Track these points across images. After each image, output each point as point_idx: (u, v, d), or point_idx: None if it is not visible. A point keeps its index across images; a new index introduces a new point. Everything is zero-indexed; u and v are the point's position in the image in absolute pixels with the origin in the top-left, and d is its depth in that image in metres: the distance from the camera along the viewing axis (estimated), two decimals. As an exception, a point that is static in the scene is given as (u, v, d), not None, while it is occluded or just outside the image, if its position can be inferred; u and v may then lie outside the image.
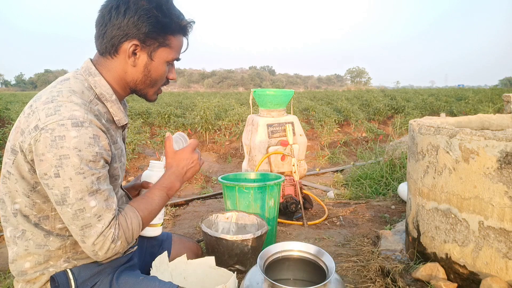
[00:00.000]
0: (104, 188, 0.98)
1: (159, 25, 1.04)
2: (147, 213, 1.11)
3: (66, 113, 0.93)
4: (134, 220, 1.05)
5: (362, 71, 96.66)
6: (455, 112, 11.40)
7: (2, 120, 8.51)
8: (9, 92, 40.61)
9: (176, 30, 1.09)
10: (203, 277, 1.42)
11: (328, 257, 1.25)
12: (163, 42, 1.07)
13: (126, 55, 1.05)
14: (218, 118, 8.76)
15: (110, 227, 0.98)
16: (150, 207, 1.12)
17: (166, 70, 1.13)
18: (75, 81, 1.04)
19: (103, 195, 0.97)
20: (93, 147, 0.94)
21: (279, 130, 3.20)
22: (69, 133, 0.91)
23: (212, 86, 69.73)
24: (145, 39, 1.04)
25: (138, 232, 1.07)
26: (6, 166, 1.00)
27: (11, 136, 1.00)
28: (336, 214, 2.94)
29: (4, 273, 2.12)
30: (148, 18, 1.02)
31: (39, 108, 0.95)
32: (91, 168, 0.94)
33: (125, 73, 1.09)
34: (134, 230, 1.05)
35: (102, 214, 0.96)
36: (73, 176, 0.91)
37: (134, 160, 5.39)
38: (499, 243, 1.44)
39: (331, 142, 7.40)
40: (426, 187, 1.71)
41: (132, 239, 1.06)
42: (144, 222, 1.09)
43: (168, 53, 1.10)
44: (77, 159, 0.91)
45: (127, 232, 1.03)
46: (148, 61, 1.08)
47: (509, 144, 1.38)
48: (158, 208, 1.15)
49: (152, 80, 1.12)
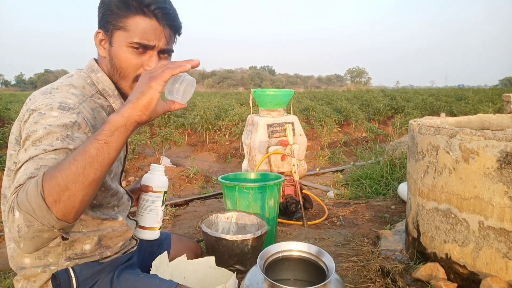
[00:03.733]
0: (44, 157, 0.79)
1: (109, 7, 1.00)
2: (57, 173, 0.72)
3: (59, 98, 0.93)
4: (33, 183, 0.72)
5: (362, 71, 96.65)
6: (455, 112, 11.40)
7: (2, 120, 8.52)
8: (9, 92, 40.60)
9: (129, 10, 0.98)
10: (203, 277, 1.42)
11: (328, 257, 1.25)
12: (116, 25, 1.00)
13: (98, 47, 1.05)
14: (218, 118, 8.76)
15: (14, 192, 0.75)
16: (63, 165, 0.73)
17: (131, 57, 1.00)
18: (77, 77, 1.06)
19: (36, 163, 0.78)
20: (65, 130, 0.86)
21: (279, 130, 3.20)
22: (51, 112, 0.89)
23: (212, 86, 69.71)
24: (103, 26, 1.02)
25: (41, 204, 0.70)
26: (12, 158, 1.01)
27: (13, 129, 1.01)
28: (336, 214, 2.94)
29: (4, 273, 2.12)
30: (103, 2, 1.01)
31: (36, 96, 0.97)
32: (52, 145, 0.81)
33: (106, 67, 1.08)
34: (33, 198, 0.70)
35: (20, 181, 0.75)
36: (28, 146, 0.82)
37: (134, 160, 5.39)
38: (499, 243, 1.44)
39: (331, 142, 7.40)
40: (426, 187, 1.71)
41: (34, 211, 0.70)
42: (48, 186, 0.70)
43: (125, 37, 0.99)
44: (42, 132, 0.84)
45: (23, 199, 0.71)
46: (109, 48, 1.03)
47: (509, 144, 1.38)
48: (82, 164, 0.73)
49: (118, 69, 1.03)
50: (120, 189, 1.17)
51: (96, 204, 1.08)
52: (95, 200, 1.07)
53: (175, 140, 6.84)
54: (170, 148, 6.92)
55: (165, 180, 1.28)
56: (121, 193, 1.18)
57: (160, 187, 1.26)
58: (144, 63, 1.01)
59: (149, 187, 1.25)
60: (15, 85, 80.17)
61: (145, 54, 1.01)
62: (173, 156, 6.37)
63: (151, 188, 1.25)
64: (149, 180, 1.27)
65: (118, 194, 1.15)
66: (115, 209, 1.16)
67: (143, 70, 1.01)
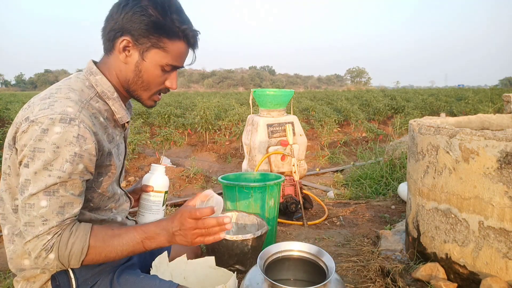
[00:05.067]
0: (64, 194, 0.92)
1: (153, 24, 1.00)
2: (101, 245, 0.96)
3: (59, 108, 0.92)
4: (78, 242, 0.94)
5: (362, 71, 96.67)
6: (455, 112, 11.40)
7: (2, 120, 8.52)
8: (9, 92, 40.62)
9: (173, 34, 1.03)
10: (203, 277, 1.42)
11: (328, 257, 1.25)
12: (156, 43, 1.02)
13: (118, 51, 1.04)
14: (218, 118, 8.76)
15: (48, 233, 0.91)
16: (111, 242, 0.97)
17: (160, 75, 1.07)
18: (76, 80, 1.05)
19: (60, 200, 0.92)
20: (73, 147, 0.91)
21: (279, 130, 3.20)
22: (53, 128, 0.90)
23: (212, 86, 69.73)
24: (138, 37, 1.01)
25: (79, 258, 0.94)
26: (6, 162, 1.01)
27: (9, 132, 1.00)
28: (336, 214, 2.94)
29: (4, 273, 2.12)
30: (142, 15, 0.99)
31: (35, 103, 0.97)
32: (64, 170, 0.90)
33: (120, 71, 1.07)
34: (73, 253, 0.93)
35: (49, 219, 0.91)
36: (39, 170, 0.89)
37: (134, 160, 5.39)
38: (499, 243, 1.44)
39: (331, 142, 7.40)
40: (426, 187, 1.71)
41: (68, 262, 0.94)
42: (91, 252, 0.95)
43: (162, 57, 1.04)
44: (51, 155, 0.89)
45: (63, 250, 0.92)
46: (139, 60, 1.04)
47: (509, 144, 1.38)
48: (120, 248, 0.98)
49: (144, 82, 1.07)
50: (117, 190, 1.17)
51: (93, 207, 1.07)
52: (92, 203, 1.06)
53: (175, 140, 6.84)
54: (170, 148, 6.92)
55: (166, 180, 1.29)
56: (119, 194, 1.17)
57: (161, 187, 1.26)
58: (167, 79, 1.10)
59: (150, 187, 1.25)
60: (15, 85, 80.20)
61: (170, 72, 1.09)
62: (173, 156, 6.37)
63: (152, 188, 1.25)
64: (150, 180, 1.27)
65: (115, 196, 1.15)
66: (113, 210, 1.16)
67: (164, 86, 1.11)
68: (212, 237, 0.99)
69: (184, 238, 0.99)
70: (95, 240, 0.96)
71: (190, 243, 0.99)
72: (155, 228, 1.00)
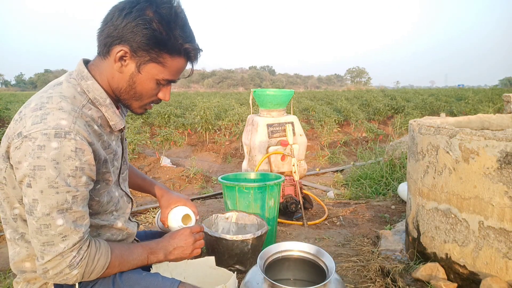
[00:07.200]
0: (76, 209, 0.93)
1: (155, 39, 0.96)
2: (119, 261, 1.04)
3: (52, 122, 0.89)
4: (102, 258, 0.99)
5: (362, 71, 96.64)
6: (455, 112, 11.40)
7: (2, 120, 8.51)
8: (9, 92, 40.57)
9: (174, 50, 1.00)
10: (203, 277, 1.42)
11: (328, 257, 1.25)
12: (155, 58, 0.99)
13: (114, 59, 0.99)
14: (218, 118, 8.77)
15: (72, 249, 0.92)
16: (125, 258, 1.06)
17: (155, 88, 1.05)
18: (67, 85, 1.01)
19: (73, 216, 0.92)
20: (73, 161, 0.89)
21: (279, 130, 3.20)
22: (50, 143, 0.87)
23: (212, 86, 69.70)
24: (137, 49, 0.97)
25: (98, 273, 0.99)
26: (1, 173, 0.98)
27: (1, 144, 0.97)
28: (336, 214, 2.94)
29: (4, 273, 2.12)
30: (145, 28, 0.95)
31: (27, 115, 0.92)
32: (69, 184, 0.90)
33: (112, 78, 1.03)
34: (97, 268, 0.98)
35: (68, 235, 0.92)
36: (45, 189, 0.88)
37: (134, 160, 5.38)
38: (499, 243, 1.44)
39: (331, 142, 7.41)
40: (426, 187, 1.71)
41: (90, 276, 0.98)
42: (110, 267, 1.01)
43: (159, 71, 1.01)
44: (53, 172, 0.87)
45: (90, 266, 0.96)
46: (135, 72, 1.01)
47: (509, 144, 1.38)
48: (132, 263, 1.08)
49: (137, 93, 1.04)
50: (116, 193, 1.15)
51: (92, 212, 1.06)
52: (91, 209, 1.05)
53: (175, 140, 6.84)
54: (170, 148, 6.92)
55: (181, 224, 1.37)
56: (117, 197, 1.16)
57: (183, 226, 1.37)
58: (160, 91, 1.08)
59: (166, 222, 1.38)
60: (15, 85, 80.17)
61: (165, 85, 1.08)
62: (173, 156, 6.37)
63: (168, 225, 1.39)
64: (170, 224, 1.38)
65: (114, 199, 1.13)
66: (113, 213, 1.15)
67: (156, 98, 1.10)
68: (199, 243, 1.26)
69: (185, 251, 1.21)
70: (114, 255, 1.03)
71: (188, 255, 1.22)
72: (157, 246, 1.16)
